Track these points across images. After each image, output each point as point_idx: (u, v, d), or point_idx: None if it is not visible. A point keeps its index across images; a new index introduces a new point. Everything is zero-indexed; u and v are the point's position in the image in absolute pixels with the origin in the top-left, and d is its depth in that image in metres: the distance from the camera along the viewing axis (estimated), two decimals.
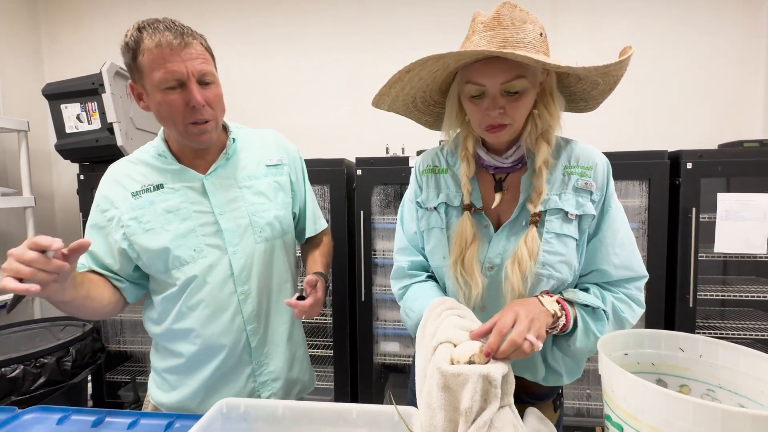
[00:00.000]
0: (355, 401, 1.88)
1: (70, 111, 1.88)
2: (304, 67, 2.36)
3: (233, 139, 0.99)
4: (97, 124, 1.86)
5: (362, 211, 1.74)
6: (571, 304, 0.78)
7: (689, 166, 1.57)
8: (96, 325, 1.97)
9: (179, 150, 0.95)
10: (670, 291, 1.64)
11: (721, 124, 2.07)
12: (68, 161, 2.01)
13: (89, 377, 1.98)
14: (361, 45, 2.30)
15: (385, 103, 0.83)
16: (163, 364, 0.98)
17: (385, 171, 1.74)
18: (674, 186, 1.62)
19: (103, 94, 1.80)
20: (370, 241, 1.76)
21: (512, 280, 0.76)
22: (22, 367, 1.54)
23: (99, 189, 0.94)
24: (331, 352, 1.88)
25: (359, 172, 1.75)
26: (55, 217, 2.58)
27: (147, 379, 1.07)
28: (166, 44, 0.79)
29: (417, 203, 0.92)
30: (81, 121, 1.88)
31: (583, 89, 0.82)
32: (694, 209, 1.57)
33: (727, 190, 1.70)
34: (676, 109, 2.10)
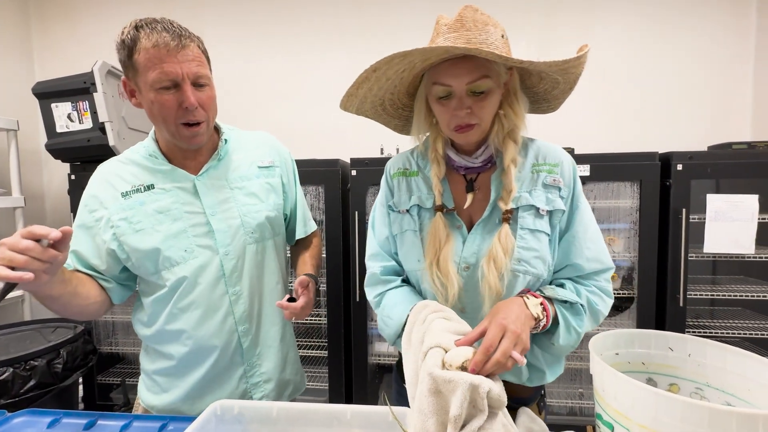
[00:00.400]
0: (349, 402, 1.88)
1: (61, 110, 1.86)
2: (299, 67, 2.35)
3: (225, 140, 0.98)
4: (88, 124, 1.84)
5: (357, 212, 1.74)
6: (551, 301, 0.79)
7: (679, 167, 1.60)
8: (87, 327, 1.94)
9: (170, 150, 0.94)
10: (661, 290, 1.66)
11: (710, 127, 2.10)
12: (59, 161, 1.98)
13: (80, 380, 1.96)
14: (356, 45, 2.30)
15: (353, 105, 0.83)
16: (154, 366, 0.97)
17: (380, 171, 1.67)
18: (665, 187, 1.64)
19: (95, 93, 1.78)
20: (364, 242, 1.76)
21: (489, 279, 0.77)
22: (12, 369, 1.52)
23: (87, 188, 0.93)
24: (326, 352, 1.87)
25: (354, 173, 1.75)
26: (46, 218, 2.54)
27: (137, 381, 1.06)
28: (163, 45, 0.79)
29: (389, 207, 0.93)
30: (72, 121, 1.86)
31: (545, 89, 0.86)
32: (684, 210, 1.59)
33: (717, 192, 1.73)
34: (667, 112, 2.12)
